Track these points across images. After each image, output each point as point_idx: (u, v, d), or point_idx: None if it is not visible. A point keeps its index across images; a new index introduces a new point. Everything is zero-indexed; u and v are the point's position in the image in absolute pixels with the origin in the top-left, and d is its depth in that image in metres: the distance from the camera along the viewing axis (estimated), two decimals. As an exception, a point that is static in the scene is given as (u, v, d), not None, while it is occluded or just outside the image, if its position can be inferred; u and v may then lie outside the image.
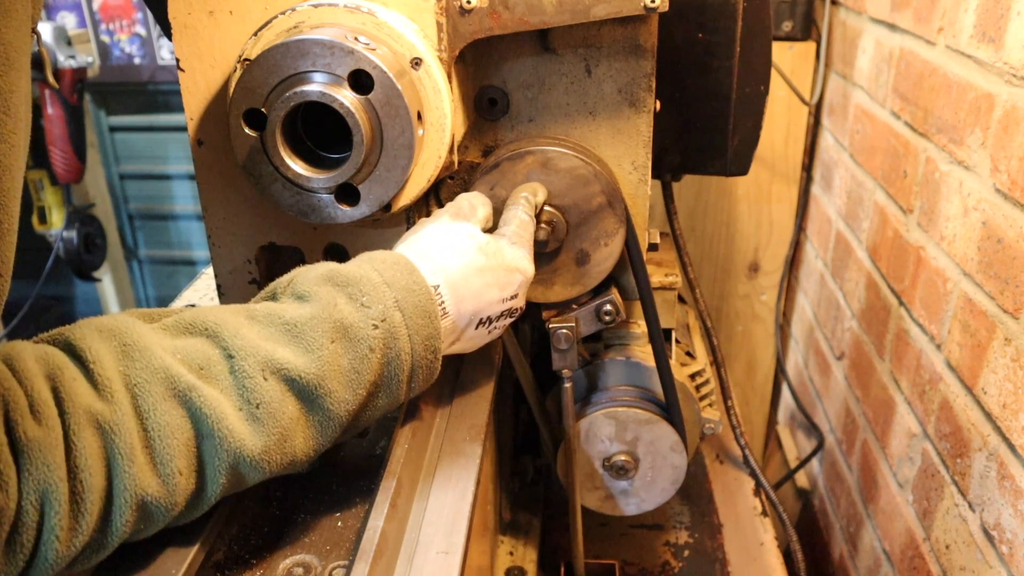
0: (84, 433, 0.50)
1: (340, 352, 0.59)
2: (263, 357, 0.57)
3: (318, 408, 0.59)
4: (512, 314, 0.75)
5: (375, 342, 0.61)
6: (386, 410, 0.66)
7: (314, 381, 0.58)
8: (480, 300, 0.70)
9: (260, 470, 0.58)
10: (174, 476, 0.53)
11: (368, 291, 0.62)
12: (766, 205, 1.81)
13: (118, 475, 0.51)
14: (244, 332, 0.58)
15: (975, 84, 1.01)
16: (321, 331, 0.59)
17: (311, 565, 0.62)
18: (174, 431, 0.53)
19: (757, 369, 1.96)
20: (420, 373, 0.65)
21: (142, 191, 3.05)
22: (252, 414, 0.56)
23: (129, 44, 2.74)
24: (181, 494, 0.55)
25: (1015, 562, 0.88)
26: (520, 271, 0.74)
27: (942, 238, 1.09)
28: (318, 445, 0.61)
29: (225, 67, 0.74)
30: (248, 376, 0.56)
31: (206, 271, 1.37)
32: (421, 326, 0.64)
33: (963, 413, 1.01)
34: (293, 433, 0.58)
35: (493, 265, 0.71)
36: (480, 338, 0.74)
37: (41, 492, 0.48)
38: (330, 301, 0.60)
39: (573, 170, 0.81)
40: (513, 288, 0.73)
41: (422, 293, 0.64)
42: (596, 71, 0.82)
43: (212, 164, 0.79)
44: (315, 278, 0.62)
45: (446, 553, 0.60)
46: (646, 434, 0.93)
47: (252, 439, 0.56)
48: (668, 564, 1.11)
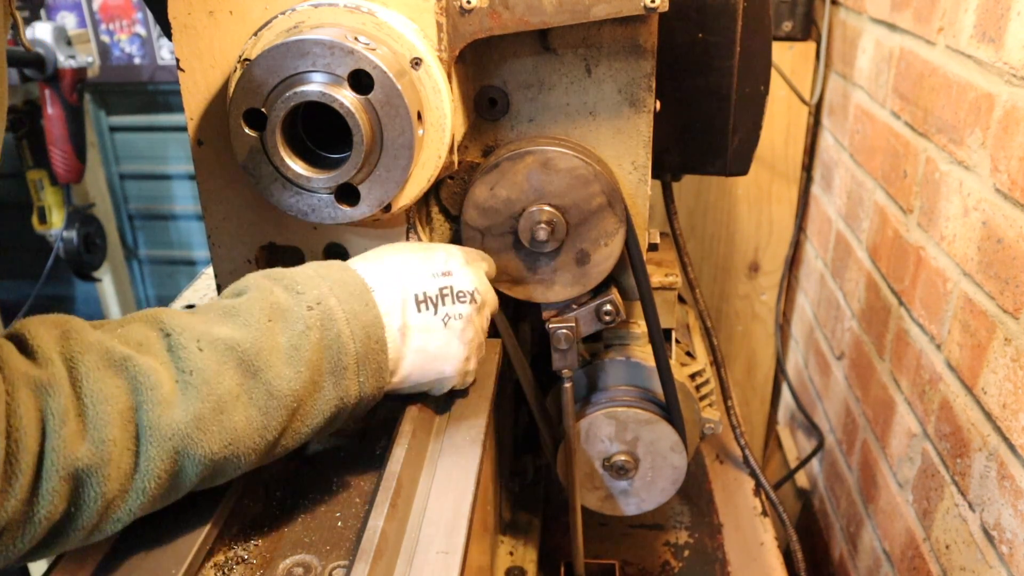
0: (19, 394, 0.49)
1: (277, 330, 0.60)
2: (199, 332, 0.57)
3: (259, 382, 0.58)
4: (460, 298, 0.71)
5: (311, 320, 0.61)
6: (338, 407, 0.63)
7: (251, 350, 0.58)
8: (401, 272, 0.69)
9: (197, 446, 0.55)
10: (107, 444, 0.51)
11: (302, 281, 0.63)
12: (766, 205, 1.81)
13: (50, 437, 0.50)
14: (183, 317, 0.59)
15: (975, 84, 1.01)
16: (258, 310, 0.60)
17: (311, 565, 0.62)
18: (108, 398, 0.52)
19: (757, 369, 1.96)
20: (368, 364, 0.64)
21: (142, 191, 3.05)
22: (185, 381, 0.55)
23: (129, 44, 2.75)
24: (114, 467, 0.52)
25: (1015, 562, 0.88)
26: (439, 248, 0.73)
27: (942, 238, 1.09)
28: (262, 426, 0.58)
29: (225, 67, 0.74)
30: (183, 347, 0.56)
31: (206, 271, 1.37)
32: (359, 311, 0.63)
33: (963, 413, 1.01)
34: (231, 407, 0.57)
35: (405, 247, 0.73)
36: (437, 331, 0.69)
37: None
38: (266, 288, 0.62)
39: (573, 170, 0.81)
40: (439, 263, 0.71)
41: (355, 282, 0.65)
42: (596, 71, 0.82)
43: (212, 164, 0.79)
44: (251, 276, 0.65)
45: (446, 553, 0.60)
46: (646, 434, 0.93)
47: (182, 406, 0.54)
48: (668, 564, 1.11)
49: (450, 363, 0.71)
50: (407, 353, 0.68)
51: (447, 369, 0.71)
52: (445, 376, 0.72)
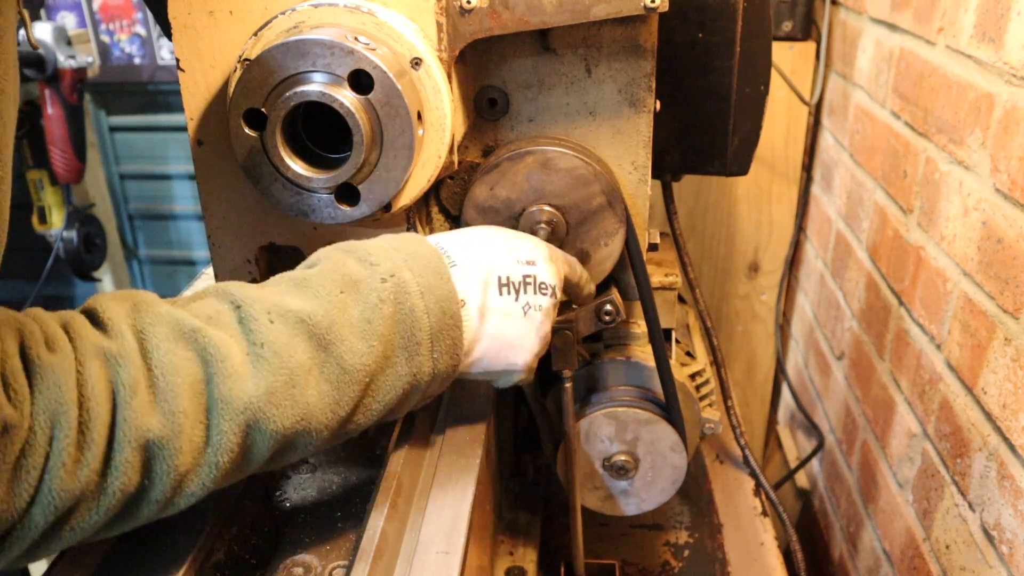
0: (91, 364, 0.49)
1: (350, 302, 0.58)
2: (270, 304, 0.57)
3: (330, 355, 0.57)
4: (542, 289, 0.69)
5: (385, 293, 0.59)
6: (411, 383, 0.61)
7: (323, 323, 0.57)
8: (486, 252, 0.67)
9: (269, 421, 0.54)
10: (177, 416, 0.51)
11: (376, 252, 0.62)
12: (766, 205, 1.81)
13: (121, 407, 0.50)
14: (253, 290, 0.58)
15: (975, 84, 1.01)
16: (330, 281, 0.59)
17: (311, 565, 0.62)
18: (178, 370, 0.52)
19: (757, 369, 1.96)
20: (443, 338, 0.62)
21: (142, 191, 3.05)
22: (256, 354, 0.54)
23: (129, 44, 2.74)
24: (186, 439, 0.52)
25: (1015, 562, 0.88)
26: (527, 237, 0.72)
27: (942, 238, 1.09)
28: (334, 402, 0.57)
29: (225, 67, 0.74)
30: (254, 319, 0.55)
31: (206, 271, 1.37)
32: (434, 285, 0.62)
33: (963, 413, 1.01)
34: (304, 380, 0.56)
35: (491, 230, 0.71)
36: (516, 319, 0.67)
37: (52, 414, 0.47)
38: (339, 259, 0.61)
39: (573, 170, 0.81)
40: (525, 250, 0.70)
41: (431, 255, 0.64)
42: (596, 71, 0.82)
43: (212, 164, 0.79)
44: (326, 249, 0.64)
45: (446, 553, 0.60)
46: (646, 434, 0.93)
47: (254, 380, 0.54)
48: (668, 564, 1.11)
49: (523, 355, 0.69)
50: (483, 336, 0.66)
51: (519, 360, 0.69)
52: (515, 367, 0.70)
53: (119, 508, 0.51)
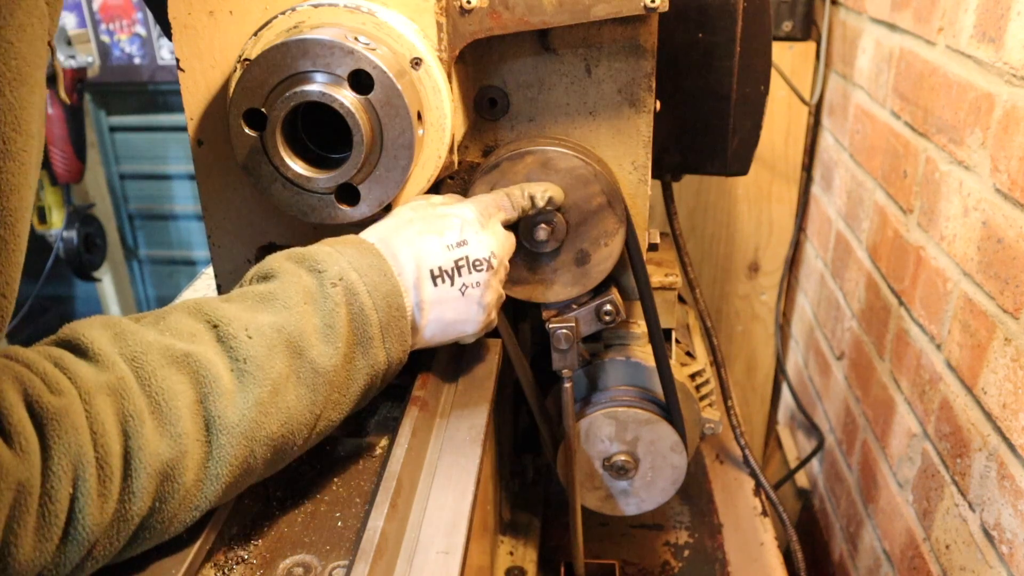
0: (96, 400, 0.50)
1: (311, 311, 0.63)
2: (245, 321, 0.60)
3: (304, 361, 0.61)
4: (476, 266, 0.72)
5: (338, 297, 0.63)
6: (370, 375, 0.66)
7: (295, 332, 0.61)
8: (416, 246, 0.70)
9: (261, 429, 0.58)
10: (182, 437, 0.54)
11: (322, 259, 0.65)
12: (766, 205, 1.81)
13: (133, 437, 0.51)
14: (224, 307, 0.61)
15: (975, 84, 1.01)
16: (292, 294, 0.62)
17: (311, 565, 0.62)
18: (176, 394, 0.54)
19: (757, 369, 1.96)
20: (392, 329, 0.66)
21: (142, 191, 3.05)
22: (240, 370, 0.58)
23: (129, 44, 2.75)
24: (191, 458, 0.55)
25: (1015, 562, 0.88)
26: (454, 215, 0.73)
27: (942, 238, 1.09)
28: (311, 402, 0.62)
29: (225, 67, 0.74)
30: (233, 337, 0.59)
31: (206, 271, 1.37)
32: (378, 283, 0.66)
33: (963, 413, 1.01)
34: (284, 388, 0.60)
35: (421, 215, 0.72)
36: (454, 302, 0.71)
37: (73, 458, 0.48)
38: (293, 272, 0.64)
39: (573, 170, 0.81)
40: (454, 232, 0.72)
41: (371, 253, 0.67)
42: (596, 71, 0.82)
43: (212, 164, 0.79)
44: (274, 259, 0.67)
45: (446, 553, 0.60)
46: (646, 434, 0.93)
47: (243, 393, 0.57)
48: (668, 564, 1.11)
49: (470, 324, 0.74)
50: (426, 324, 0.71)
51: (468, 330, 0.74)
52: (466, 334, 0.75)
53: (134, 531, 0.53)
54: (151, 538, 0.55)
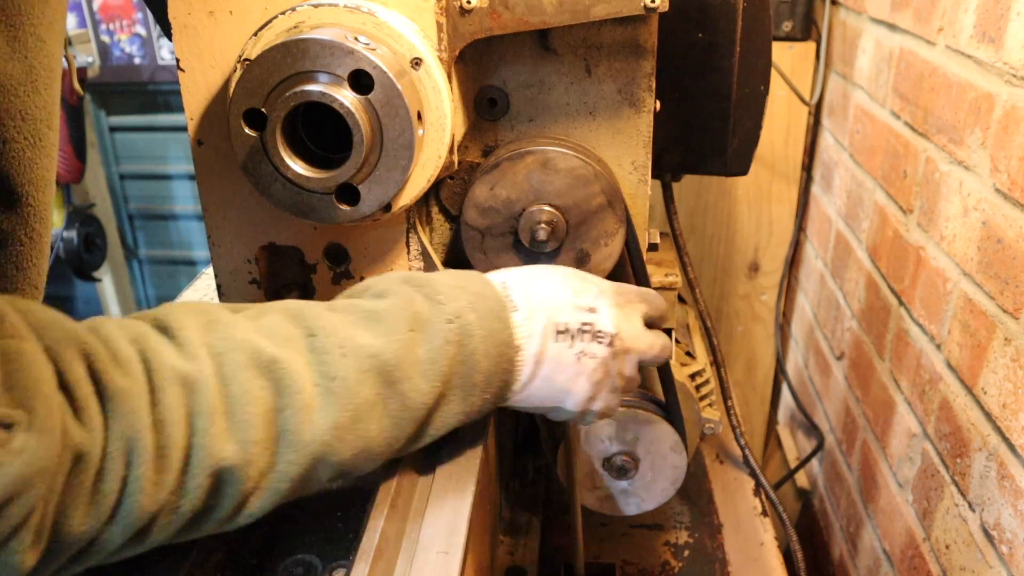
0: (169, 389, 0.50)
1: (418, 340, 0.60)
2: (343, 337, 0.58)
3: (395, 393, 0.59)
4: (598, 338, 0.68)
5: (451, 335, 0.61)
6: (461, 421, 0.64)
7: (392, 361, 0.58)
8: (549, 297, 0.67)
9: (334, 454, 0.56)
10: (250, 445, 0.53)
11: (443, 291, 0.63)
12: (766, 205, 1.81)
13: (198, 434, 0.51)
14: (326, 316, 0.59)
15: (975, 84, 1.01)
16: (400, 319, 0.60)
17: (311, 565, 0.62)
18: (254, 399, 0.53)
19: (757, 369, 1.96)
20: (495, 381, 0.64)
21: (142, 191, 3.05)
22: (327, 387, 0.56)
23: (129, 44, 2.75)
24: (255, 467, 0.53)
25: (1015, 562, 0.88)
26: (593, 282, 0.71)
27: (942, 238, 1.09)
28: (392, 438, 0.59)
29: (225, 67, 0.74)
30: (326, 351, 0.57)
31: (206, 271, 1.37)
32: (496, 330, 0.63)
33: (963, 413, 1.01)
34: (367, 416, 0.57)
35: (559, 271, 0.71)
36: (568, 366, 0.67)
37: (127, 440, 0.48)
38: (408, 296, 0.62)
39: (573, 170, 0.81)
40: (588, 296, 0.69)
41: (494, 299, 0.65)
42: (596, 71, 0.82)
43: (212, 164, 0.79)
44: (392, 279, 0.65)
45: (446, 553, 0.60)
46: (646, 434, 0.93)
47: (322, 413, 0.55)
48: (668, 564, 1.11)
49: (572, 398, 0.69)
50: (535, 380, 0.67)
51: (567, 403, 0.70)
52: (563, 408, 0.70)
53: (185, 525, 0.53)
54: (199, 532, 0.55)
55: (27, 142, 0.47)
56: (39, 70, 0.47)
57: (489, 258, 0.86)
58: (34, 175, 0.48)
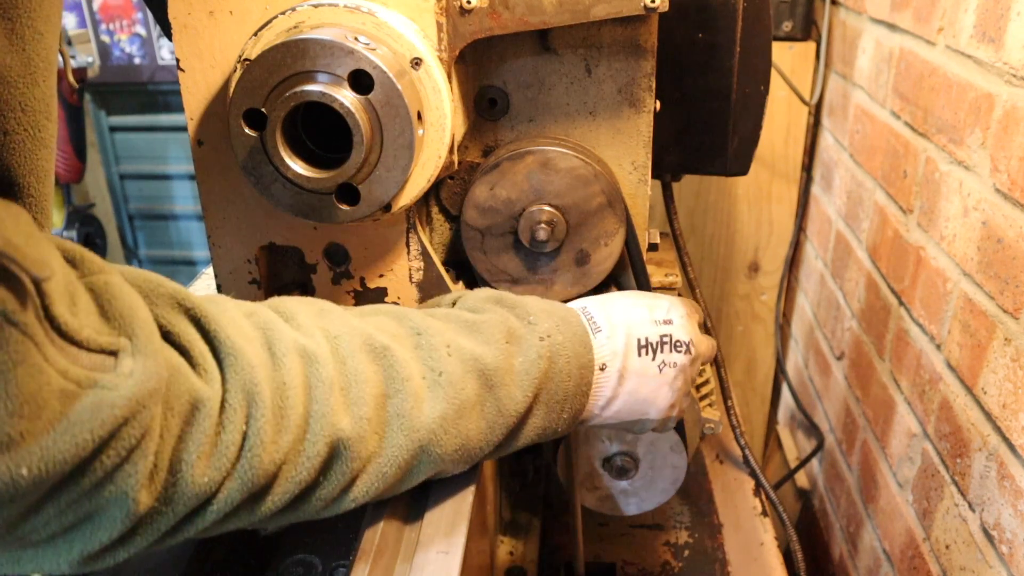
0: (289, 358, 0.51)
1: (514, 352, 0.63)
2: (448, 338, 0.61)
3: (493, 397, 0.61)
4: (677, 347, 0.72)
5: (543, 351, 0.64)
6: (540, 436, 0.66)
7: (491, 366, 0.61)
8: (629, 314, 0.71)
9: (438, 445, 0.57)
10: (363, 422, 0.54)
11: (533, 312, 0.66)
12: (766, 205, 1.81)
13: (317, 402, 0.52)
14: (429, 320, 0.62)
15: (975, 84, 1.01)
16: (497, 331, 0.63)
17: (311, 565, 0.62)
18: (367, 380, 0.55)
19: (757, 369, 1.96)
20: (573, 403, 0.67)
21: (142, 191, 3.05)
22: (435, 380, 0.58)
23: (129, 44, 2.75)
24: (364, 446, 0.54)
25: (1015, 562, 0.88)
26: (664, 297, 0.75)
27: (942, 238, 1.09)
28: (485, 441, 0.61)
29: (225, 67, 0.74)
30: (434, 348, 0.59)
31: (206, 271, 1.37)
32: (579, 353, 0.66)
33: (963, 413, 1.01)
34: (469, 414, 0.59)
35: (636, 293, 0.76)
36: (652, 378, 0.71)
37: (247, 393, 0.48)
38: (502, 314, 0.66)
39: (573, 170, 0.81)
40: (662, 310, 0.73)
41: (578, 323, 0.68)
42: (596, 71, 0.82)
43: (212, 164, 0.79)
44: (481, 297, 0.68)
45: (446, 553, 0.60)
46: (646, 434, 0.93)
47: (431, 403, 0.57)
48: (668, 564, 1.11)
49: (656, 407, 0.73)
50: (621, 394, 0.70)
51: (652, 412, 0.73)
52: (648, 419, 0.73)
53: (291, 499, 0.53)
54: (303, 512, 0.55)
55: (27, 133, 0.47)
56: (37, 62, 0.47)
57: (489, 258, 0.86)
58: (35, 166, 0.48)
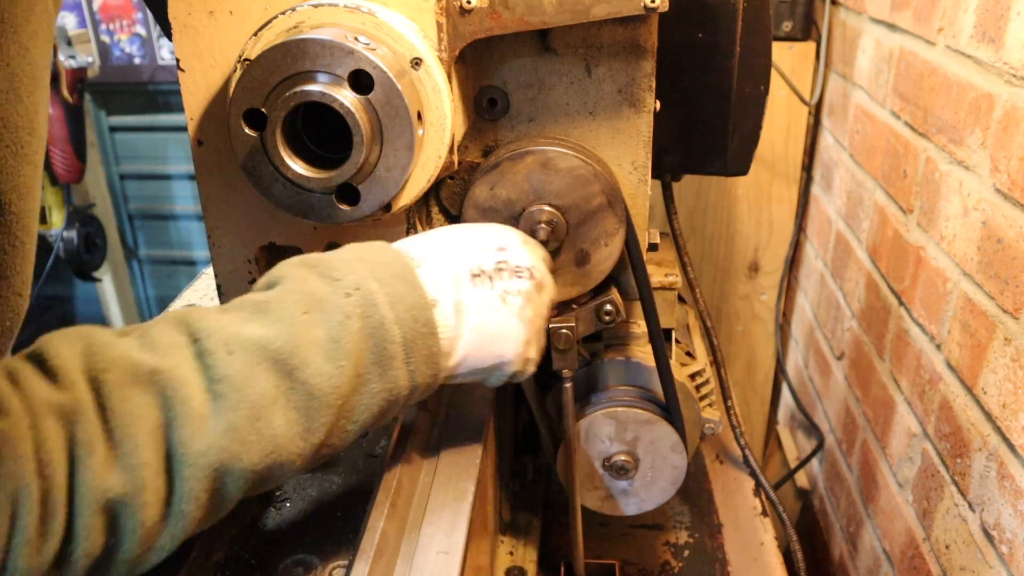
0: (45, 424, 0.45)
1: (313, 322, 0.55)
2: (228, 334, 0.54)
3: (296, 381, 0.54)
4: (518, 273, 0.66)
5: (350, 308, 0.56)
6: (387, 399, 0.59)
7: (286, 348, 0.54)
8: (453, 245, 0.65)
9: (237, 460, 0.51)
10: (139, 469, 0.48)
11: (339, 266, 0.59)
12: (766, 205, 1.81)
13: (79, 469, 0.46)
14: (212, 317, 0.55)
15: (975, 84, 1.01)
16: (291, 303, 0.56)
17: (311, 565, 0.62)
18: (138, 417, 0.49)
19: (757, 369, 1.96)
20: (418, 348, 0.59)
21: (142, 191, 3.05)
22: (215, 391, 0.51)
23: (129, 44, 2.75)
24: (150, 492, 0.48)
25: (1015, 562, 0.88)
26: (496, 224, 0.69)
27: (942, 238, 1.09)
28: (304, 429, 0.54)
29: (225, 67, 0.74)
30: (211, 353, 0.52)
31: (206, 271, 1.37)
32: (403, 293, 0.59)
33: (963, 413, 1.01)
34: (268, 411, 0.53)
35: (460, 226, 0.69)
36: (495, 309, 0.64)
37: (13, 492, 0.43)
38: (300, 278, 0.58)
39: (573, 170, 0.81)
40: (494, 237, 0.67)
41: (396, 262, 0.61)
42: (596, 71, 0.82)
43: (212, 164, 0.79)
44: (287, 263, 0.61)
45: (446, 553, 0.60)
46: (646, 434, 0.93)
47: (214, 419, 0.51)
48: (668, 564, 1.11)
49: (510, 344, 0.66)
50: (463, 332, 0.63)
51: (507, 351, 0.66)
52: (504, 360, 0.66)
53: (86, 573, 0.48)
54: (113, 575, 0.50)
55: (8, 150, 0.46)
56: (21, 77, 0.46)
57: (489, 258, 0.86)
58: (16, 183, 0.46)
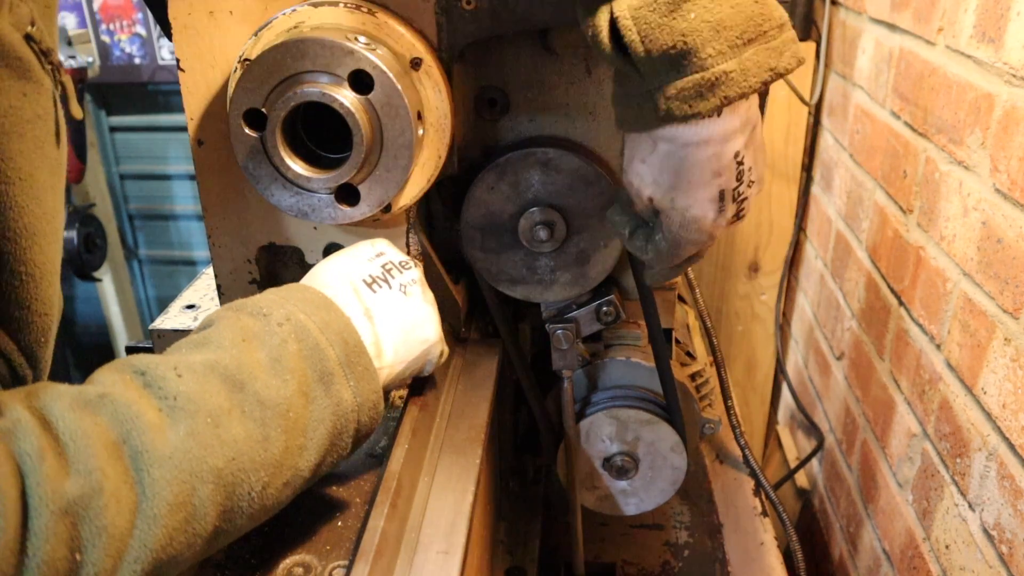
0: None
1: (254, 346, 0.59)
2: (174, 361, 0.55)
3: (246, 394, 0.56)
4: (404, 266, 0.72)
5: (285, 334, 0.60)
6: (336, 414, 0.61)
7: (232, 365, 0.57)
8: (342, 267, 0.70)
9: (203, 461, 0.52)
10: (95, 473, 0.47)
11: (265, 305, 0.63)
12: (766, 205, 1.81)
13: (30, 475, 0.45)
14: (153, 357, 0.56)
15: (975, 84, 1.01)
16: (228, 335, 0.59)
17: (311, 565, 0.62)
18: (89, 433, 0.48)
19: (757, 369, 1.96)
20: (354, 365, 0.63)
21: (142, 191, 3.05)
22: (170, 406, 0.52)
23: (129, 44, 2.75)
24: (110, 496, 0.47)
25: (1015, 562, 0.88)
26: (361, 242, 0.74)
27: (942, 238, 1.09)
28: (263, 437, 0.56)
29: (225, 67, 0.74)
30: (160, 378, 0.54)
31: (206, 271, 1.37)
32: (328, 320, 0.63)
33: (963, 413, 1.01)
34: (226, 420, 0.54)
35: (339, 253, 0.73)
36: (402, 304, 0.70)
37: None
38: (233, 317, 0.61)
39: (574, 170, 0.81)
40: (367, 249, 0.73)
41: (315, 296, 0.65)
42: (596, 71, 0.82)
43: (212, 164, 0.79)
44: (217, 311, 0.64)
45: (446, 553, 0.60)
46: (646, 434, 0.93)
47: (174, 428, 0.51)
48: (668, 564, 1.11)
49: (429, 325, 0.71)
50: (383, 331, 0.68)
51: (429, 332, 0.71)
52: (431, 341, 0.72)
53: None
54: None
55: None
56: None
57: (489, 258, 0.86)
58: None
